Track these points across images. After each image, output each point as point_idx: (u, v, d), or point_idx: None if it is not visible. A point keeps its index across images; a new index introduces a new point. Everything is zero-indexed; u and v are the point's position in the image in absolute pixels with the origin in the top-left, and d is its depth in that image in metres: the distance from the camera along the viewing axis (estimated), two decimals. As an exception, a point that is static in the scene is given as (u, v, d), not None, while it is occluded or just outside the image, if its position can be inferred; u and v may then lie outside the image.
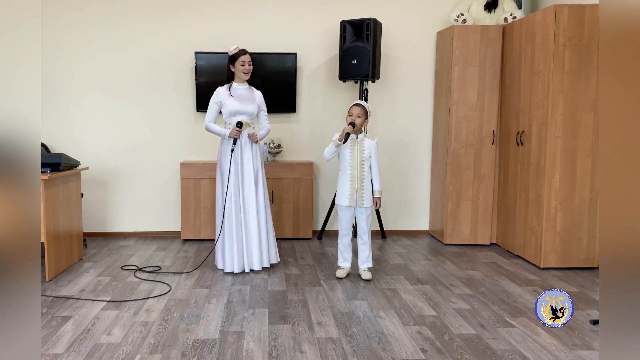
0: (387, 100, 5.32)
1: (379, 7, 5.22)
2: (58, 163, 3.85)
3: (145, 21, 5.07)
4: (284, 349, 2.72)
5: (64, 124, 5.12)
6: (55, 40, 5.03)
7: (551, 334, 2.93)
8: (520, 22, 4.49)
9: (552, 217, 4.15)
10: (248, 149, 3.98)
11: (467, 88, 4.82)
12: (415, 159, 5.42)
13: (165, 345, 2.75)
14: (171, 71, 5.14)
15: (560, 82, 4.05)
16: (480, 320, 3.14)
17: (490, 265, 4.34)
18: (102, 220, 5.26)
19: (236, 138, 3.92)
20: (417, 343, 2.80)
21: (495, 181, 4.93)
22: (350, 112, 3.77)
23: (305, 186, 5.10)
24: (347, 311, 3.27)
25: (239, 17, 5.14)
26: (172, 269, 4.14)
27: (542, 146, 4.17)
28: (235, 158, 3.95)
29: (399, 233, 5.48)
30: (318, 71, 5.26)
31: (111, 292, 3.60)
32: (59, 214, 3.95)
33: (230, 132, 3.91)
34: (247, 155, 3.97)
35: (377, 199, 3.85)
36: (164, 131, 5.20)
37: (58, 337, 2.85)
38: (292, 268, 4.21)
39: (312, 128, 5.31)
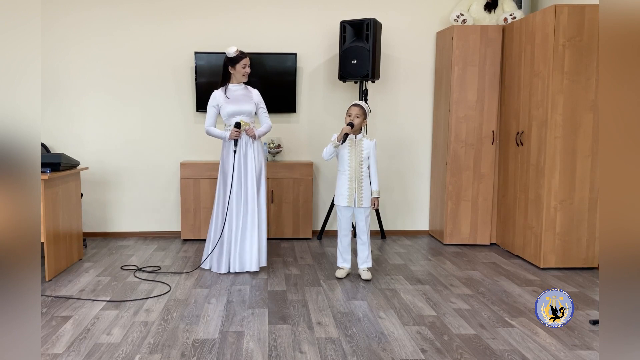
0: (387, 100, 5.32)
1: (378, 7, 5.22)
2: (58, 163, 3.85)
3: (145, 21, 5.07)
4: (284, 349, 2.72)
5: (64, 124, 5.12)
6: (55, 41, 5.02)
7: (551, 334, 2.93)
8: (520, 22, 4.49)
9: (552, 217, 4.15)
10: (250, 148, 3.97)
11: (467, 88, 4.82)
12: (415, 159, 5.42)
13: (165, 345, 2.75)
14: (171, 71, 5.14)
15: (560, 82, 4.05)
16: (479, 320, 3.14)
17: (490, 265, 4.34)
18: (102, 220, 5.26)
19: (237, 139, 3.92)
20: (417, 343, 2.81)
21: (495, 181, 4.93)
22: (349, 113, 3.77)
23: (305, 186, 5.10)
24: (346, 311, 3.27)
25: (239, 17, 5.14)
26: (171, 269, 4.14)
27: (542, 146, 4.17)
28: (239, 159, 3.95)
29: (398, 233, 5.48)
30: (318, 71, 5.26)
31: (111, 292, 3.60)
32: (58, 214, 3.95)
33: (230, 134, 3.91)
34: (249, 155, 3.97)
35: (374, 199, 3.84)
36: (163, 131, 5.20)
37: (58, 337, 2.85)
38: (291, 268, 4.21)
39: (311, 128, 5.31)
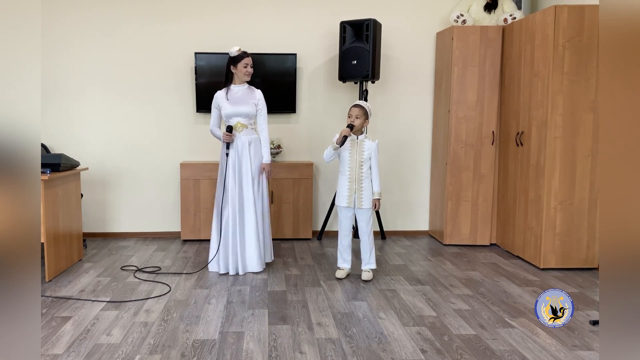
0: (387, 101, 5.32)
1: (378, 8, 5.22)
2: (58, 163, 3.85)
3: (145, 21, 5.07)
4: (284, 349, 2.72)
5: (64, 124, 5.12)
6: (55, 41, 5.03)
7: (551, 335, 2.93)
8: (520, 23, 4.49)
9: (552, 218, 4.15)
10: (246, 150, 3.97)
11: (467, 88, 4.82)
12: (415, 159, 5.42)
13: (165, 345, 2.75)
14: (171, 72, 5.14)
15: (560, 82, 4.05)
16: (479, 320, 3.14)
17: (490, 265, 4.34)
18: (102, 220, 5.26)
19: (229, 142, 3.94)
20: (417, 343, 2.80)
21: (495, 182, 4.93)
22: (350, 113, 3.77)
23: (305, 187, 5.10)
24: (346, 312, 3.26)
25: (239, 17, 5.14)
26: (171, 270, 4.14)
27: (542, 147, 4.17)
28: (233, 160, 3.97)
29: (398, 233, 5.48)
30: (318, 72, 5.26)
31: (111, 292, 3.60)
32: (58, 215, 3.95)
33: (223, 137, 3.96)
34: (245, 158, 3.97)
35: (375, 200, 3.84)
36: (163, 131, 5.20)
37: (58, 338, 2.84)
38: (291, 268, 4.20)
39: (312, 129, 5.31)
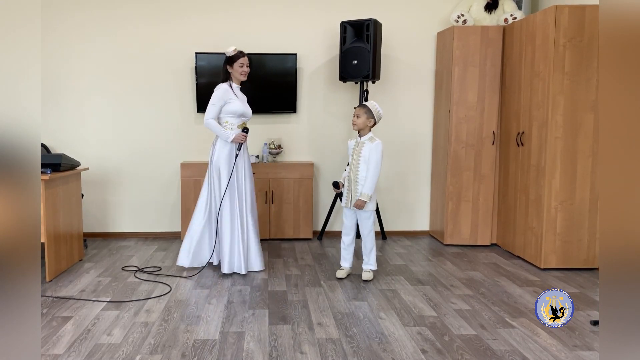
0: (388, 101, 5.32)
1: (379, 8, 5.22)
2: (58, 163, 3.85)
3: (145, 22, 5.08)
4: (284, 349, 2.72)
5: (64, 124, 5.12)
6: (55, 41, 5.03)
7: (551, 335, 2.93)
8: (521, 23, 4.49)
9: (553, 218, 4.15)
10: (244, 151, 4.05)
11: (468, 89, 4.82)
12: (416, 159, 5.42)
13: (165, 345, 2.75)
14: (171, 72, 5.15)
15: (560, 82, 4.05)
16: (480, 320, 3.13)
17: (490, 266, 4.34)
18: (103, 220, 5.26)
19: (241, 143, 3.94)
20: (418, 344, 2.80)
21: (495, 182, 4.93)
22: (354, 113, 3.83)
23: (306, 187, 5.10)
24: (347, 312, 3.26)
25: (239, 17, 5.14)
26: (172, 270, 4.14)
27: (543, 147, 4.16)
28: (237, 162, 3.97)
29: (399, 233, 5.48)
30: (318, 72, 5.26)
31: (111, 292, 3.60)
32: (59, 215, 3.95)
33: (236, 137, 3.90)
34: (245, 158, 4.05)
35: (358, 200, 3.73)
36: (164, 132, 5.21)
37: (58, 338, 2.85)
38: (292, 268, 4.21)
39: (312, 129, 5.31)
